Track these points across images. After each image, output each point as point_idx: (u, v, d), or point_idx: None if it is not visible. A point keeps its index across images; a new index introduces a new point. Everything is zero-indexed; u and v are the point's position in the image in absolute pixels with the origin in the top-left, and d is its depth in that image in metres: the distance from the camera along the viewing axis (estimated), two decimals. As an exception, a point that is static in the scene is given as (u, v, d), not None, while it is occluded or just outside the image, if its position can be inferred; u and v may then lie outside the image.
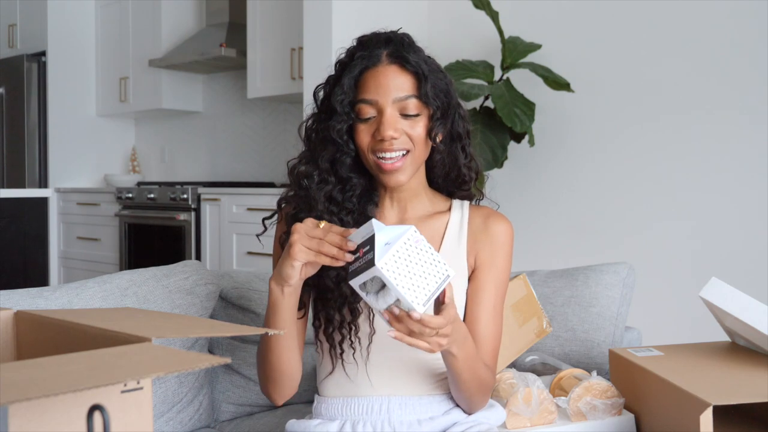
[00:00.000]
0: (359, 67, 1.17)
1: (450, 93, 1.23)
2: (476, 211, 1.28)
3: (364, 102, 1.16)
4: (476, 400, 1.21)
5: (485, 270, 1.24)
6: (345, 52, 1.22)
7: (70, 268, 5.02)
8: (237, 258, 3.92)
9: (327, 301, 1.19)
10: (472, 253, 1.25)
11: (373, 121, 1.17)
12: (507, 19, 3.19)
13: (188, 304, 1.58)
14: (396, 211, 1.26)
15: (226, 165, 4.97)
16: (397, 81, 1.17)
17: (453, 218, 1.27)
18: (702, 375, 1.29)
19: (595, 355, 1.77)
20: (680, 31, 2.95)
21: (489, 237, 1.25)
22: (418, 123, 1.18)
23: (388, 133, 1.14)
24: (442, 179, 1.29)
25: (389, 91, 1.16)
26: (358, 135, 1.18)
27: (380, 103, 1.16)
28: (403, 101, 1.16)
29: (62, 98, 5.09)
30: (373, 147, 1.17)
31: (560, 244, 3.26)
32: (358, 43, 1.21)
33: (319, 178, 1.19)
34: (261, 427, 1.61)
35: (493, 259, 1.24)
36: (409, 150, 1.18)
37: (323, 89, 1.23)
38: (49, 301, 1.41)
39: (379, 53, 1.18)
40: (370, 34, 1.22)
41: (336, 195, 1.20)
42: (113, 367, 0.65)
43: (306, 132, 1.24)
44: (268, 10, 4.07)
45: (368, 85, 1.16)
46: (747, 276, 2.66)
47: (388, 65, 1.17)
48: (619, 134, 3.12)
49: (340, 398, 1.24)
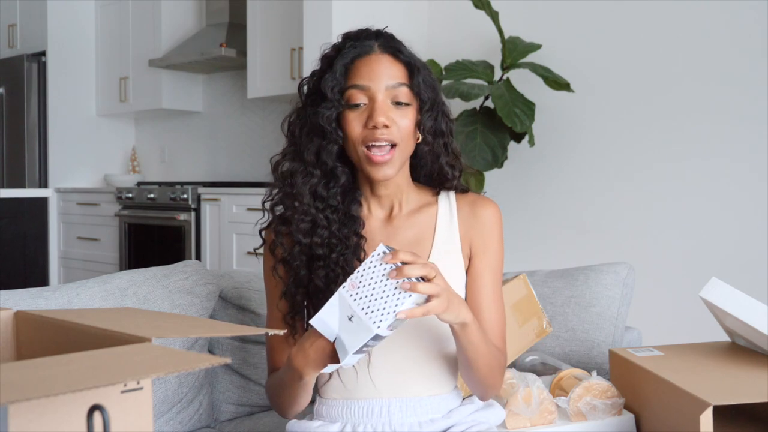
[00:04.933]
0: (351, 55, 1.17)
1: (436, 88, 1.23)
2: (463, 198, 1.27)
3: (355, 87, 1.15)
4: (491, 382, 1.20)
5: (480, 256, 1.24)
6: (329, 47, 1.22)
7: (70, 268, 5.02)
8: (237, 258, 3.92)
9: (319, 302, 1.18)
10: (466, 240, 1.25)
11: (363, 109, 1.16)
12: (507, 19, 3.19)
13: (188, 304, 1.58)
14: (383, 210, 1.25)
15: (226, 165, 4.97)
16: (391, 69, 1.17)
17: (441, 209, 1.26)
18: (702, 375, 1.29)
19: (595, 355, 1.77)
20: (680, 31, 2.95)
21: (479, 223, 1.25)
22: (407, 114, 1.17)
23: (380, 119, 1.14)
24: (424, 177, 1.29)
25: (382, 78, 1.15)
26: (348, 124, 1.16)
27: (372, 89, 1.15)
28: (395, 89, 1.16)
29: (62, 98, 5.09)
30: (364, 137, 1.16)
31: (560, 244, 3.25)
32: (345, 38, 1.21)
33: (305, 171, 1.18)
34: (261, 427, 1.61)
35: (487, 245, 1.24)
36: (397, 144, 1.17)
37: (308, 83, 1.22)
38: (49, 301, 1.41)
39: (370, 43, 1.18)
40: (356, 30, 1.22)
41: (321, 190, 1.19)
42: (113, 367, 0.65)
43: (290, 127, 1.23)
44: (268, 10, 4.07)
45: (361, 72, 1.16)
46: (747, 276, 2.66)
47: (381, 54, 1.18)
48: (619, 134, 3.12)
49: (341, 400, 1.23)
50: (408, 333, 1.20)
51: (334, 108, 1.16)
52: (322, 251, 1.17)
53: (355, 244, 1.19)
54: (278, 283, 1.22)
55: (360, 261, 1.18)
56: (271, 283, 1.25)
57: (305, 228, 1.18)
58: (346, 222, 1.19)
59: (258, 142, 4.75)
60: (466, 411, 1.26)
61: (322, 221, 1.18)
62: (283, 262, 1.21)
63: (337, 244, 1.18)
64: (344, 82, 1.16)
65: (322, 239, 1.18)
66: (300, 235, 1.18)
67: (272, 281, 1.24)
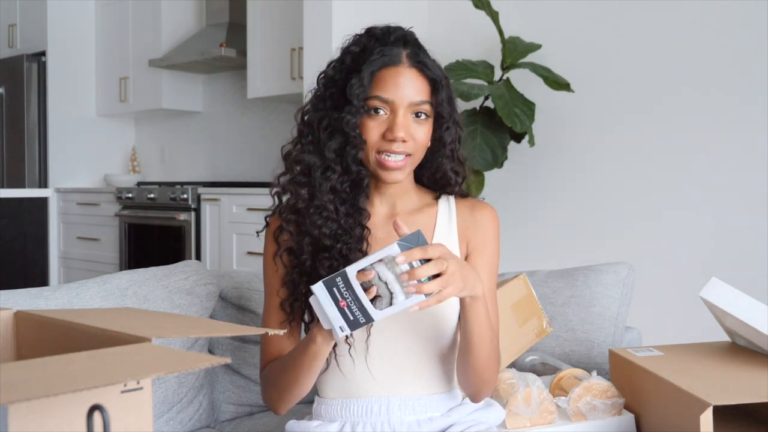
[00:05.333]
0: (379, 63, 1.17)
1: (453, 101, 1.24)
2: (462, 202, 1.30)
3: (379, 99, 1.16)
4: (488, 376, 1.20)
5: (477, 256, 1.26)
6: (353, 41, 1.21)
7: (70, 268, 5.02)
8: (237, 258, 3.92)
9: None
10: (464, 239, 1.26)
11: (383, 118, 1.17)
12: (507, 19, 3.19)
13: (188, 304, 1.58)
14: (386, 206, 1.26)
15: (226, 165, 4.97)
16: (416, 84, 1.17)
17: (441, 210, 1.28)
18: (702, 375, 1.29)
19: (595, 355, 1.77)
20: (680, 31, 2.95)
21: (477, 223, 1.27)
22: (425, 127, 1.19)
23: (400, 134, 1.15)
24: (427, 179, 1.30)
25: (406, 93, 1.16)
26: (367, 130, 1.17)
27: (396, 104, 1.16)
28: (417, 105, 1.17)
29: (62, 98, 5.09)
30: (380, 146, 1.17)
31: (560, 244, 3.25)
32: (371, 36, 1.20)
33: (324, 167, 1.19)
34: (261, 427, 1.61)
35: (485, 244, 1.26)
36: (411, 154, 1.18)
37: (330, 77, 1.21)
38: (49, 301, 1.41)
39: (399, 52, 1.18)
40: (382, 28, 1.21)
41: (338, 186, 1.19)
42: (113, 367, 0.65)
43: (305, 117, 1.23)
44: (268, 10, 4.07)
45: (387, 83, 1.16)
46: (747, 276, 2.66)
47: (409, 68, 1.17)
48: (619, 134, 3.12)
49: (340, 399, 1.24)
50: (406, 331, 1.20)
51: (359, 115, 1.16)
52: (330, 242, 1.18)
53: (360, 236, 1.20)
54: (278, 269, 1.23)
55: (362, 252, 1.19)
56: (272, 269, 1.25)
57: (320, 222, 1.18)
58: (353, 213, 1.20)
59: (258, 142, 4.75)
60: (466, 410, 1.26)
61: (332, 214, 1.19)
62: (289, 252, 1.21)
63: (342, 234, 1.19)
64: (369, 90, 1.16)
65: (331, 231, 1.18)
66: (314, 228, 1.18)
67: (272, 267, 1.25)
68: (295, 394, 1.19)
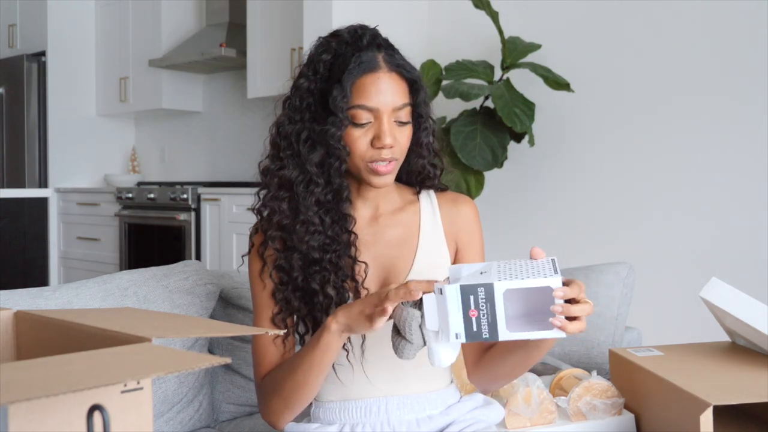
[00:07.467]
0: (359, 72, 1.14)
1: (427, 100, 1.23)
2: (443, 196, 1.30)
3: (363, 108, 1.14)
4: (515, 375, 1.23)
5: (468, 249, 1.28)
6: (322, 47, 1.19)
7: (70, 268, 5.02)
8: (237, 258, 3.92)
9: (313, 305, 1.18)
10: (450, 235, 1.27)
11: (368, 127, 1.15)
12: (507, 19, 3.19)
13: (188, 304, 1.58)
14: (369, 209, 1.26)
15: (226, 165, 4.97)
16: (396, 88, 1.16)
17: (424, 207, 1.28)
18: (702, 375, 1.29)
19: (595, 355, 1.77)
20: (681, 31, 2.95)
21: (462, 218, 1.28)
22: (407, 131, 1.18)
23: (388, 141, 1.14)
24: (406, 175, 1.30)
25: (389, 100, 1.15)
26: (353, 141, 1.15)
27: (380, 111, 1.15)
28: (400, 109, 1.16)
29: (62, 98, 5.09)
30: (370, 155, 1.15)
31: (560, 243, 3.25)
32: (340, 41, 1.18)
33: (307, 181, 1.17)
34: (261, 427, 1.61)
35: (473, 238, 1.29)
36: (398, 158, 1.18)
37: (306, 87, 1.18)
38: (49, 301, 1.41)
39: (375, 56, 1.15)
40: (349, 30, 1.19)
41: (321, 197, 1.18)
42: (113, 367, 0.65)
43: (280, 130, 1.21)
44: (268, 10, 4.07)
45: (368, 91, 1.14)
46: (747, 276, 2.66)
47: (388, 72, 1.15)
48: (619, 134, 3.12)
49: (338, 402, 1.23)
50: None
51: (343, 127, 1.14)
52: (318, 255, 1.17)
53: (347, 241, 1.19)
54: (266, 286, 1.21)
55: (351, 258, 1.18)
56: (259, 286, 1.23)
57: (307, 238, 1.17)
58: (338, 220, 1.19)
59: (258, 142, 4.68)
60: (465, 408, 1.26)
61: (319, 226, 1.18)
62: (278, 269, 1.20)
63: (330, 243, 1.18)
64: (351, 100, 1.14)
65: (319, 243, 1.17)
66: (302, 244, 1.17)
67: (260, 284, 1.22)
68: (302, 399, 1.16)
